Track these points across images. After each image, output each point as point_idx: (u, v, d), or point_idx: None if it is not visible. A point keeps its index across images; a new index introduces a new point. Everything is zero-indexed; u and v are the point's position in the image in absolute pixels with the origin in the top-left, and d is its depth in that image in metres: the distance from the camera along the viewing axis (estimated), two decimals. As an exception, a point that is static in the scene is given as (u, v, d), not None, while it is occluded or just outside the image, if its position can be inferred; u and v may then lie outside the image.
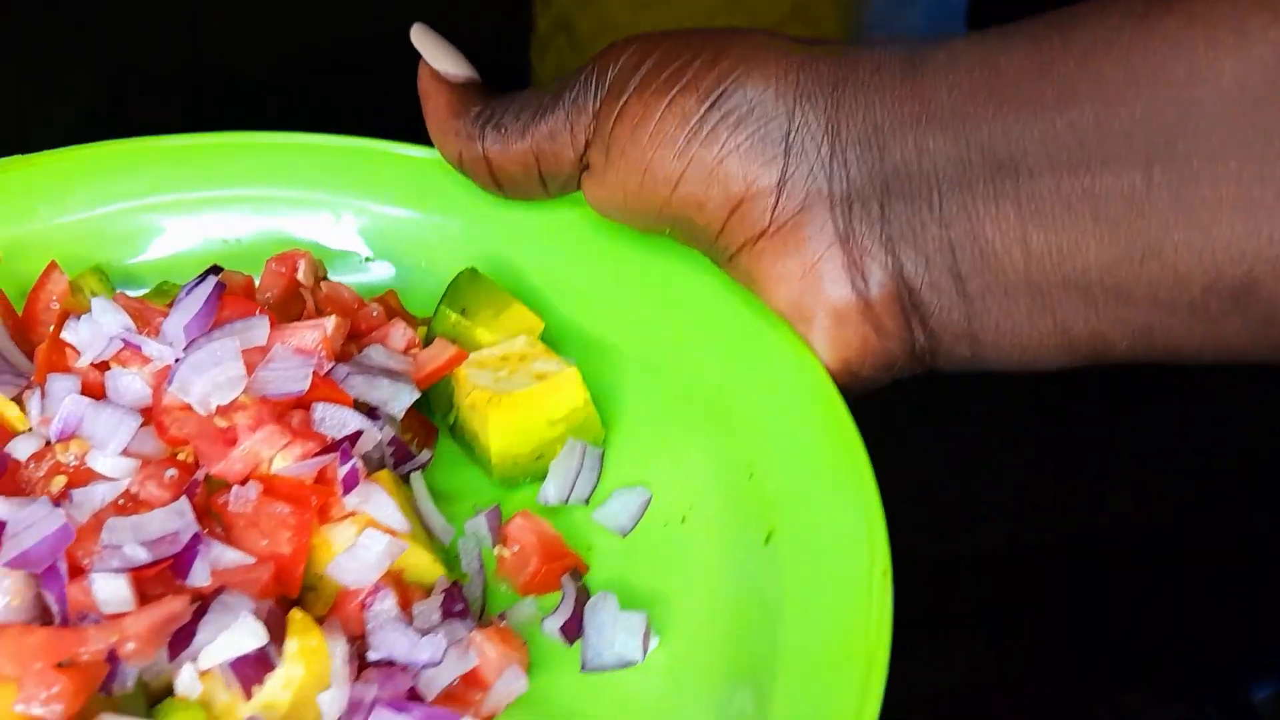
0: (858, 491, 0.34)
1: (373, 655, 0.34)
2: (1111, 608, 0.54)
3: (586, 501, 0.40)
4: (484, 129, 0.43)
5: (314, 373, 0.37)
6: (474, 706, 0.34)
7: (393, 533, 0.34)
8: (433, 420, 0.43)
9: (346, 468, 0.35)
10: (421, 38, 0.46)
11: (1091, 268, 0.35)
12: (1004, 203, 0.36)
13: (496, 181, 0.44)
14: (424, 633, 0.34)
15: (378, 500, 0.35)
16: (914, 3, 1.77)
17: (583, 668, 0.35)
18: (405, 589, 0.36)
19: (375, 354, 0.40)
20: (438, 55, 0.45)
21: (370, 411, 0.38)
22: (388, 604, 0.35)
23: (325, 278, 0.47)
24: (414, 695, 0.34)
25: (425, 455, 0.41)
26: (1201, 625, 0.54)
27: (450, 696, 0.34)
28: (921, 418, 0.52)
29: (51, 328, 0.41)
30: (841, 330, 0.39)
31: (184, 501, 0.33)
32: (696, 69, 0.38)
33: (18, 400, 0.39)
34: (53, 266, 0.44)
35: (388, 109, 0.51)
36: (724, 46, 0.38)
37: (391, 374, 0.39)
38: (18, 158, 0.48)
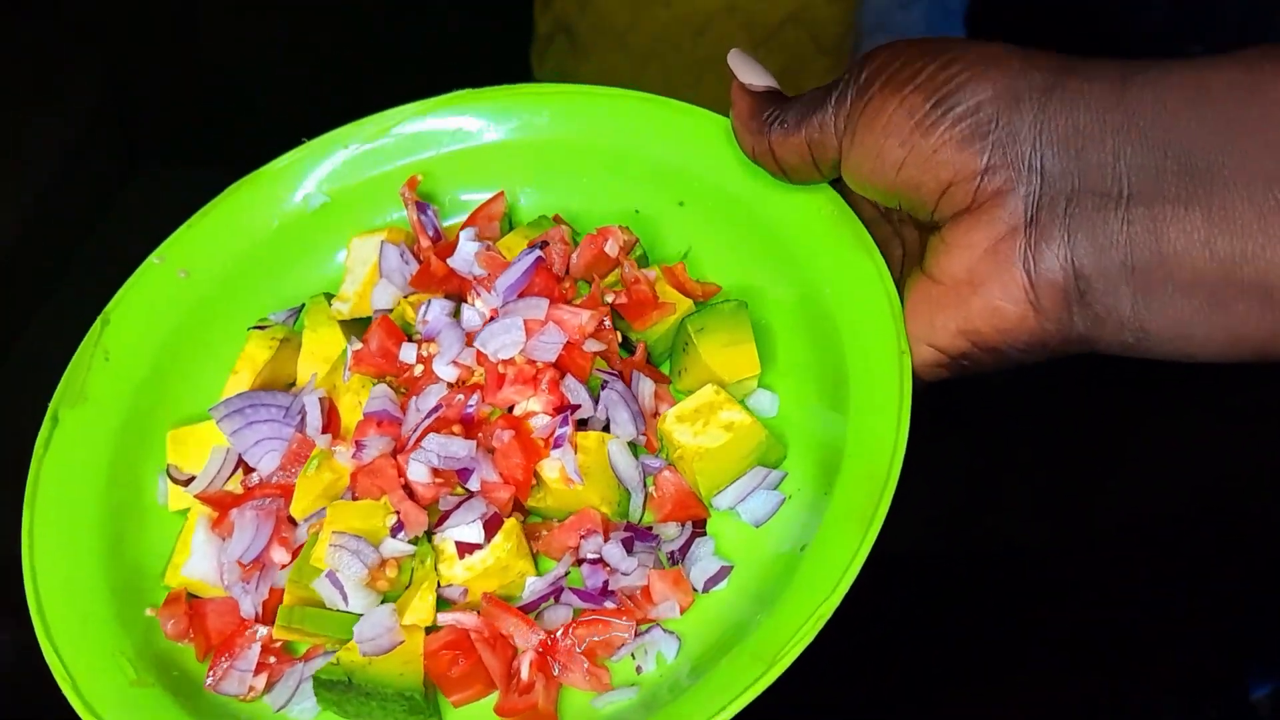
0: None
1: (585, 553, 0.52)
2: (1111, 607, 0.55)
3: (757, 525, 0.53)
4: (770, 125, 0.53)
5: (568, 346, 0.55)
6: (640, 610, 0.51)
7: (569, 481, 0.53)
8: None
9: (560, 430, 0.53)
10: (735, 58, 0.55)
11: (1275, 272, 0.40)
12: (1193, 209, 0.41)
13: (781, 168, 0.54)
14: (626, 549, 0.52)
15: (568, 459, 0.53)
16: (913, 4, 1.47)
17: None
18: (608, 526, 0.53)
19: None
20: (744, 71, 0.55)
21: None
22: (597, 535, 0.53)
23: (636, 243, 0.61)
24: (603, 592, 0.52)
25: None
26: (1200, 625, 0.54)
27: (627, 600, 0.52)
28: (933, 424, 0.56)
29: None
30: (1004, 302, 0.46)
31: (473, 444, 0.53)
32: (930, 72, 0.45)
33: (414, 304, 0.61)
34: (500, 196, 0.63)
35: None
36: (959, 55, 0.45)
37: (633, 411, 0.55)
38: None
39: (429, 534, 0.54)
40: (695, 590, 0.52)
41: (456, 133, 0.66)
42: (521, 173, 0.65)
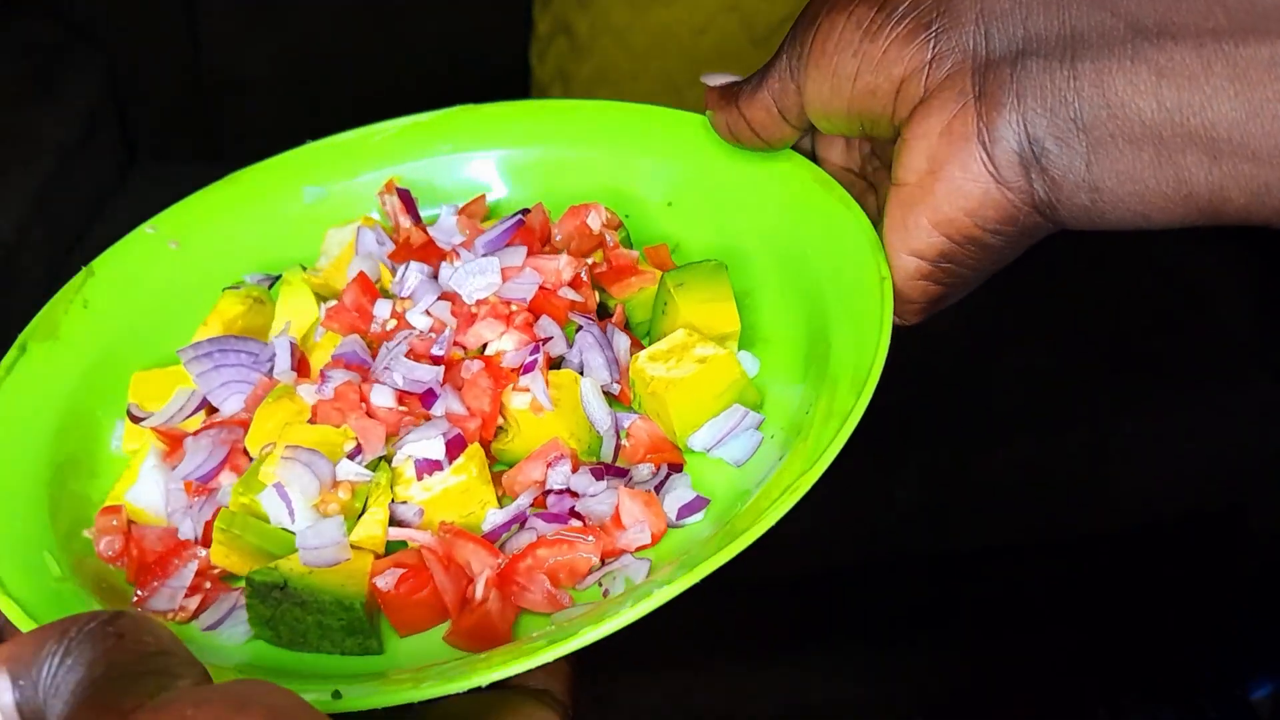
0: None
1: (552, 484, 0.50)
2: (1110, 607, 0.53)
3: (738, 464, 0.50)
4: (736, 96, 0.56)
5: (543, 289, 0.54)
6: (609, 539, 0.48)
7: (539, 408, 0.51)
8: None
9: (532, 358, 0.52)
10: (705, 76, 0.59)
11: (1221, 123, 0.41)
12: (1140, 63, 0.42)
13: (754, 132, 0.56)
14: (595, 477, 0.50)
15: (537, 385, 0.51)
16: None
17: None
18: (577, 461, 0.52)
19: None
20: (713, 79, 0.58)
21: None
22: (566, 461, 0.51)
23: (620, 225, 0.63)
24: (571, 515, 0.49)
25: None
26: (1199, 625, 0.51)
27: (596, 529, 0.48)
28: (926, 420, 0.55)
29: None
30: (965, 181, 0.46)
31: (440, 369, 0.52)
32: None
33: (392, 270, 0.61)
34: (481, 198, 0.65)
35: (386, 112, 0.61)
36: None
37: (608, 358, 0.54)
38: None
39: (388, 460, 0.51)
40: (669, 522, 0.49)
41: (446, 144, 0.68)
42: (506, 184, 0.67)
